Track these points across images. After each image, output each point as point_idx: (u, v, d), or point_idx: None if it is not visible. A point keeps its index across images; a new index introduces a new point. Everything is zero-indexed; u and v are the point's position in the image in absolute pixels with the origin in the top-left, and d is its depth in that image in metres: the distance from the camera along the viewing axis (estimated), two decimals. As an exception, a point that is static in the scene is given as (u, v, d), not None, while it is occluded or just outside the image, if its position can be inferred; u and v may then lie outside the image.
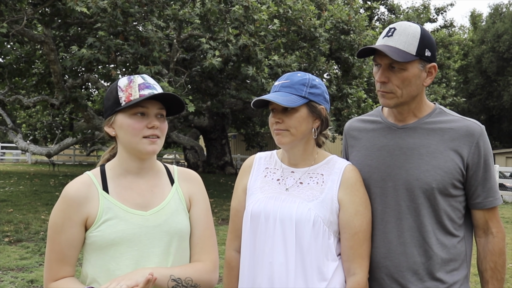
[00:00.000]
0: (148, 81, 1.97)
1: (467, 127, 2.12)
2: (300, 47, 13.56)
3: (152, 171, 2.05)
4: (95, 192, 1.94)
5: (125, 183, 1.99)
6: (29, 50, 14.53)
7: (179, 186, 2.08)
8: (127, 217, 1.92)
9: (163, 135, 1.96)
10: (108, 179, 1.99)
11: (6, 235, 8.79)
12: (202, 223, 2.08)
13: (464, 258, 2.17)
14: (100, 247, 1.91)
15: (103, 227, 1.90)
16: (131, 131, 1.91)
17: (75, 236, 1.92)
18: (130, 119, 1.92)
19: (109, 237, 1.89)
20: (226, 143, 24.04)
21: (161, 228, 1.95)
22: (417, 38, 2.05)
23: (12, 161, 32.76)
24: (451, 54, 29.68)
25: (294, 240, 2.02)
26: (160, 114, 1.96)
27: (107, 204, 1.93)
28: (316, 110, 2.12)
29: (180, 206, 2.03)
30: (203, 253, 2.05)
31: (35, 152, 15.75)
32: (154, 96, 1.90)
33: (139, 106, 1.92)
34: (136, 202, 1.96)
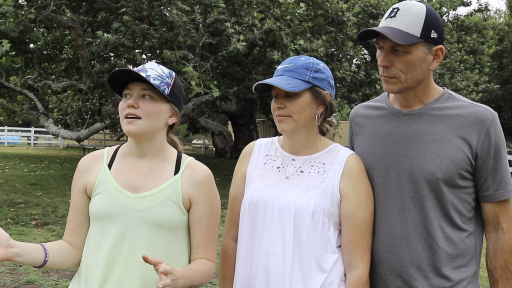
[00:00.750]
0: (144, 66, 2.01)
1: (476, 113, 1.98)
2: (327, 32, 13.36)
3: (156, 156, 2.06)
4: (101, 165, 2.07)
5: (126, 163, 2.06)
6: (58, 36, 14.65)
7: (181, 180, 2.03)
8: (115, 195, 1.99)
9: (146, 116, 1.95)
10: (116, 157, 2.10)
11: (34, 218, 8.95)
12: (204, 225, 2.05)
13: (474, 254, 2.04)
14: (91, 216, 2.03)
15: (95, 199, 2.01)
16: (119, 111, 1.99)
17: (77, 201, 2.08)
18: (121, 101, 2.00)
19: (95, 209, 2.00)
20: (254, 129, 24.02)
21: (141, 214, 1.96)
22: (422, 19, 1.92)
23: (44, 145, 33.39)
24: (485, 39, 28.97)
25: (292, 230, 1.95)
26: (145, 95, 1.96)
27: (104, 178, 2.03)
28: (320, 96, 2.03)
29: (172, 198, 1.99)
30: (205, 255, 2.06)
31: (65, 136, 15.94)
32: (120, 72, 1.94)
33: (125, 89, 1.99)
34: (128, 183, 2.01)
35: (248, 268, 2.04)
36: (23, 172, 15.59)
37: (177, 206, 1.99)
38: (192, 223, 2.04)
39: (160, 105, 1.99)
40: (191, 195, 2.02)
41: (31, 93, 16.06)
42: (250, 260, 2.04)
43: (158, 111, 1.98)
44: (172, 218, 1.98)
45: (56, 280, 5.81)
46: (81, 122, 22.39)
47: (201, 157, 25.34)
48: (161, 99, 1.98)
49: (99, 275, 1.94)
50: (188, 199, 2.02)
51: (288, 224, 1.96)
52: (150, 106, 1.96)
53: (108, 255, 1.94)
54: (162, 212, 1.97)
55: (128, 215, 1.96)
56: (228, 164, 20.81)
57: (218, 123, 24.84)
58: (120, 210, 1.96)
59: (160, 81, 1.97)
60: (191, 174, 2.05)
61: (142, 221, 1.95)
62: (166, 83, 1.99)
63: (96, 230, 2.00)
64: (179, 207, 2.00)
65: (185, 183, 2.03)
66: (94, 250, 1.98)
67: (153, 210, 1.96)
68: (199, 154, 29.43)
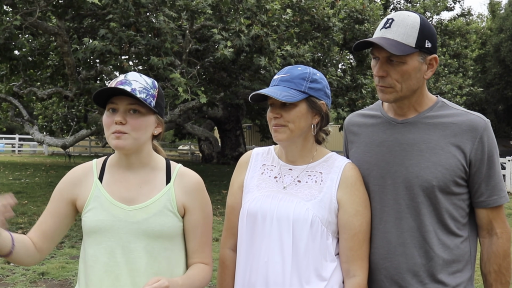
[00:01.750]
0: (127, 78, 1.97)
1: (470, 121, 2.01)
2: (313, 37, 13.44)
3: (145, 167, 2.06)
4: (91, 178, 2.05)
5: (117, 175, 2.05)
6: (43, 42, 14.56)
7: (174, 189, 2.04)
8: (110, 208, 1.98)
9: (134, 131, 1.93)
10: (106, 169, 2.07)
11: (20, 227, 8.86)
12: (199, 231, 2.07)
13: (469, 259, 2.08)
14: (86, 231, 2.01)
15: (89, 214, 1.99)
16: (104, 126, 1.96)
17: (59, 209, 2.04)
18: (105, 115, 1.97)
19: (90, 224, 1.98)
20: (241, 134, 24.01)
21: (139, 226, 1.96)
22: (416, 29, 1.96)
23: (29, 152, 33.08)
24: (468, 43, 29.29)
25: (291, 240, 1.96)
26: (132, 109, 1.94)
27: (97, 192, 2.01)
28: (316, 106, 2.04)
29: (167, 207, 2.00)
30: (201, 259, 2.08)
31: (50, 143, 15.81)
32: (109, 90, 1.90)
33: (109, 103, 1.95)
34: (121, 196, 2.00)
35: (248, 277, 2.05)
36: (8, 180, 15.43)
37: (173, 214, 2.01)
38: (187, 230, 2.06)
39: (147, 118, 1.97)
40: (185, 202, 2.04)
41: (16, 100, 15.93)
42: (249, 270, 2.05)
43: (145, 125, 1.97)
44: (170, 227, 1.99)
45: (45, 290, 5.76)
46: (66, 129, 22.23)
47: (187, 163, 25.28)
48: (147, 112, 1.97)
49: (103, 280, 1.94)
50: (182, 207, 2.03)
51: (287, 234, 1.97)
52: (138, 121, 1.94)
53: (109, 269, 1.94)
54: (160, 222, 1.97)
55: (126, 228, 1.95)
56: (215, 170, 20.78)
57: (205, 129, 24.80)
58: (117, 223, 1.96)
59: (146, 94, 1.95)
60: (183, 182, 2.06)
61: (141, 233, 1.96)
62: (152, 94, 1.97)
63: (93, 245, 1.98)
64: (175, 215, 2.01)
65: (178, 191, 2.04)
66: (92, 265, 1.97)
67: (151, 221, 1.96)
68: (185, 160, 29.35)
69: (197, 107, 13.75)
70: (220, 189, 14.89)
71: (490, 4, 43.97)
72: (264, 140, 28.51)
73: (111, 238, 1.95)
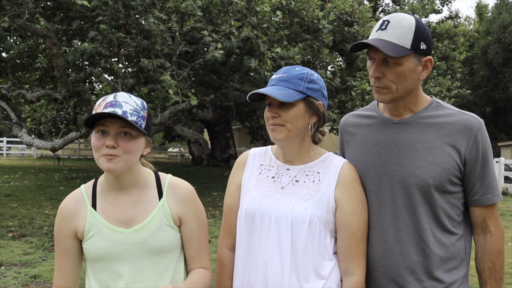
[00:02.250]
0: (117, 99, 1.92)
1: (464, 121, 2.05)
2: (303, 39, 13.48)
3: (136, 186, 2.05)
4: (84, 207, 2.03)
5: (109, 199, 2.03)
6: (32, 45, 14.48)
7: (167, 203, 2.05)
8: (109, 234, 1.98)
9: (126, 154, 1.91)
10: (97, 195, 2.05)
11: (10, 230, 8.81)
12: (195, 239, 2.09)
13: (464, 257, 2.11)
14: (89, 259, 2.02)
15: (89, 242, 1.99)
16: (93, 148, 1.93)
17: (68, 246, 2.03)
18: (94, 137, 1.93)
19: (93, 252, 1.98)
20: (231, 136, 24.02)
21: (142, 246, 1.98)
22: (412, 31, 1.98)
23: (17, 155, 32.84)
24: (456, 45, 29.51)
25: (290, 239, 1.98)
26: (123, 132, 1.91)
27: (93, 220, 2.00)
28: (313, 106, 2.06)
29: (164, 222, 2.02)
30: (200, 264, 2.11)
31: (39, 146, 15.72)
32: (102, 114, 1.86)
33: (99, 125, 1.91)
34: (118, 219, 2.00)
35: (247, 276, 2.07)
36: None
37: (171, 228, 2.03)
38: (184, 239, 2.08)
39: (138, 140, 1.95)
40: (180, 213, 2.05)
41: (4, 103, 15.83)
42: (248, 269, 2.07)
43: (136, 147, 1.95)
44: (171, 241, 2.02)
45: (36, 293, 5.73)
46: (55, 131, 22.10)
47: (177, 165, 25.24)
48: (138, 134, 1.95)
49: None
50: (177, 218, 2.05)
51: (286, 233, 1.99)
52: (130, 144, 1.92)
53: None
54: (161, 238, 1.99)
55: (129, 250, 1.97)
56: (205, 172, 20.76)
57: (194, 131, 24.76)
58: (119, 247, 1.96)
59: (137, 116, 1.92)
60: (175, 194, 2.07)
61: (145, 252, 1.98)
62: (142, 116, 1.95)
63: (99, 270, 1.99)
64: (172, 228, 2.03)
65: (171, 204, 2.05)
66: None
67: (151, 239, 1.98)
68: (175, 162, 29.28)
69: (187, 109, 13.74)
70: (210, 191, 14.88)
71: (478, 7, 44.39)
72: (254, 142, 28.53)
73: (115, 262, 1.96)
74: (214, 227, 9.78)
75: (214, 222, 10.32)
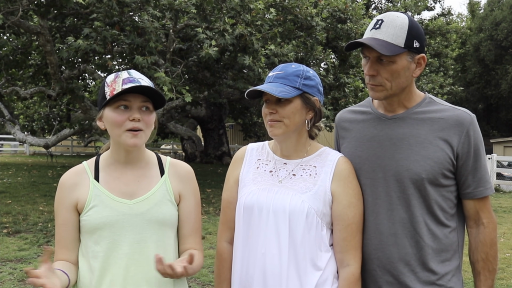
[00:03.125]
0: (133, 76, 2.00)
1: (457, 116, 2.11)
2: (296, 36, 13.52)
3: (141, 162, 2.12)
4: (87, 180, 2.07)
5: (114, 173, 2.09)
6: (25, 42, 14.44)
7: (168, 179, 2.12)
8: (112, 204, 2.02)
9: (147, 128, 2.01)
10: (100, 169, 2.10)
11: (5, 227, 8.82)
12: (192, 216, 2.16)
13: (457, 249, 2.17)
14: (87, 230, 2.03)
15: (90, 213, 2.02)
16: (114, 124, 1.97)
17: (67, 219, 2.05)
18: (114, 113, 1.97)
19: (94, 222, 2.00)
20: (224, 133, 24.05)
21: (144, 217, 2.03)
22: (405, 30, 2.04)
23: (10, 152, 32.71)
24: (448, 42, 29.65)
25: (288, 232, 2.03)
26: (145, 106, 1.99)
27: (96, 191, 2.04)
28: (310, 102, 2.12)
29: (166, 197, 2.09)
30: (195, 244, 2.15)
31: (32, 143, 15.70)
32: (133, 88, 1.93)
33: (121, 100, 1.97)
34: (122, 191, 2.06)
35: (245, 269, 2.11)
36: (-10, 180, 15.29)
37: (171, 203, 2.10)
38: (182, 215, 2.14)
39: (154, 114, 2.06)
40: (180, 190, 2.13)
41: (-3, 100, 15.80)
42: (247, 262, 2.11)
43: (153, 121, 2.05)
44: (171, 215, 2.08)
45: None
46: (47, 128, 22.04)
47: (171, 162, 25.15)
48: (153, 109, 2.05)
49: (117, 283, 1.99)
50: (178, 195, 2.12)
51: (283, 225, 2.04)
52: (150, 117, 2.02)
53: (118, 262, 1.99)
54: (162, 211, 2.06)
55: (131, 221, 2.01)
56: (198, 169, 20.77)
57: (187, 128, 24.76)
58: (122, 217, 2.01)
59: None
60: (176, 172, 2.16)
61: (146, 223, 2.02)
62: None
63: (98, 241, 2.01)
64: (173, 204, 2.10)
65: (173, 181, 2.13)
66: (100, 261, 2.00)
67: (153, 210, 2.04)
68: (168, 159, 29.18)
69: (180, 106, 13.77)
70: (204, 188, 14.91)
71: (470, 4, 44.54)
72: (247, 139, 28.56)
73: (117, 232, 2.00)
74: (208, 224, 9.83)
75: (208, 219, 10.37)
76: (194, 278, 6.29)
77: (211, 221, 10.13)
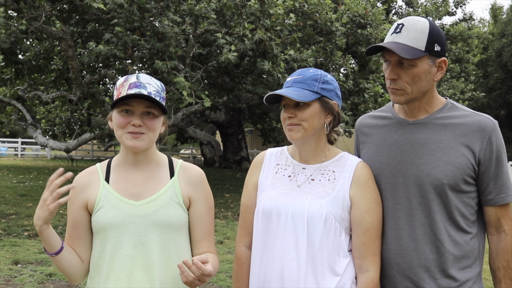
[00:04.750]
0: (140, 81, 2.04)
1: (479, 122, 2.09)
2: (316, 42, 13.52)
3: (150, 163, 2.15)
4: (97, 181, 2.12)
5: (123, 174, 2.13)
6: (48, 47, 14.65)
7: (178, 182, 2.13)
8: (119, 205, 2.06)
9: (150, 131, 2.04)
10: (111, 170, 2.15)
11: (26, 229, 8.92)
12: (204, 220, 2.16)
13: (477, 255, 2.14)
14: (96, 231, 2.08)
15: (99, 213, 2.06)
16: (117, 126, 2.04)
17: (77, 217, 2.11)
18: (118, 115, 2.04)
19: (101, 222, 2.05)
20: (243, 138, 24.08)
21: (149, 218, 2.05)
22: (425, 34, 2.03)
23: (32, 156, 33.14)
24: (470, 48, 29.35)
25: (306, 236, 2.03)
26: (148, 112, 2.03)
27: (105, 192, 2.08)
28: (328, 106, 2.12)
29: (173, 199, 2.09)
30: (208, 248, 2.16)
31: (54, 147, 15.89)
32: (133, 95, 1.98)
33: (124, 104, 2.02)
34: (129, 192, 2.09)
35: (263, 273, 2.11)
36: (12, 183, 15.48)
37: (179, 206, 2.10)
38: (193, 219, 2.14)
39: (159, 119, 2.09)
40: (190, 193, 2.13)
41: (19, 104, 16.01)
42: (264, 266, 2.11)
43: (158, 125, 2.09)
44: (177, 218, 2.09)
45: (53, 291, 5.81)
46: (68, 132, 22.29)
47: (190, 167, 25.21)
48: (159, 114, 2.08)
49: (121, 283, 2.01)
50: (187, 198, 2.13)
51: (302, 230, 2.03)
52: (154, 122, 2.05)
53: (123, 263, 2.01)
54: (168, 213, 2.07)
55: (136, 222, 2.04)
56: (217, 174, 20.82)
57: (207, 133, 24.86)
58: (127, 218, 2.03)
59: (159, 97, 2.05)
60: (187, 175, 2.17)
61: (151, 225, 2.04)
62: (162, 97, 2.08)
63: (105, 242, 2.05)
64: (181, 206, 2.10)
65: (183, 184, 2.14)
66: (106, 261, 2.04)
67: (159, 212, 2.06)
68: (187, 164, 29.27)
69: (199, 111, 13.83)
70: (223, 192, 14.94)
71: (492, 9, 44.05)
72: (266, 144, 28.55)
73: (122, 233, 2.02)
74: (227, 228, 9.83)
75: (226, 224, 10.37)
76: (212, 282, 6.29)
77: (229, 225, 10.13)
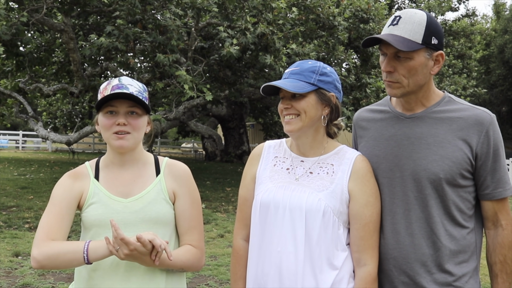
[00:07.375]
0: (122, 83, 2.11)
1: (476, 116, 2.07)
2: (318, 36, 13.49)
3: (137, 163, 2.21)
4: (87, 178, 2.19)
5: (112, 174, 2.20)
6: (49, 39, 14.63)
7: (164, 178, 2.20)
8: (108, 203, 2.12)
9: (135, 131, 2.10)
10: (100, 168, 2.22)
11: (26, 222, 8.95)
12: (187, 214, 2.19)
13: (474, 250, 2.14)
14: (85, 227, 2.14)
15: (89, 209, 2.12)
16: (103, 128, 2.11)
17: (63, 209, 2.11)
18: (103, 117, 2.10)
19: (90, 219, 2.11)
20: (244, 132, 24.07)
21: (137, 215, 2.10)
22: (423, 26, 2.02)
23: (33, 149, 33.17)
24: (472, 44, 29.27)
25: (304, 230, 2.02)
26: (132, 111, 2.09)
27: (95, 189, 2.15)
28: (325, 97, 2.11)
29: (160, 196, 2.16)
30: (191, 241, 2.19)
31: (55, 140, 15.86)
32: (116, 95, 2.04)
33: (108, 105, 2.08)
34: (119, 190, 2.16)
35: (261, 266, 2.11)
36: (13, 175, 15.51)
37: (165, 202, 2.16)
38: (177, 213, 2.19)
39: (143, 118, 2.15)
40: (175, 188, 2.19)
41: (21, 96, 16.00)
42: (262, 259, 2.11)
43: (143, 125, 2.14)
44: (165, 214, 2.14)
45: (52, 283, 5.83)
46: (69, 125, 22.30)
47: (191, 161, 25.36)
48: (143, 113, 2.14)
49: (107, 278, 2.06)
50: (172, 193, 2.19)
51: (300, 223, 2.03)
52: (138, 121, 2.11)
53: (111, 258, 2.02)
54: (155, 209, 2.12)
55: (124, 219, 2.09)
56: (218, 168, 20.84)
57: (208, 127, 24.86)
58: (116, 215, 2.09)
59: (142, 97, 2.11)
60: (172, 171, 2.24)
61: (139, 221, 2.10)
62: (145, 97, 2.14)
63: (95, 238, 2.08)
64: (167, 202, 2.16)
65: (168, 180, 2.20)
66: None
67: (147, 209, 2.12)
68: (188, 158, 29.42)
69: (201, 104, 13.82)
70: (224, 186, 14.95)
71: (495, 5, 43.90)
72: (267, 138, 28.53)
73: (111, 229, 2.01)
74: (227, 222, 9.84)
75: (227, 217, 10.39)
76: (212, 276, 6.31)
77: (230, 219, 10.14)
